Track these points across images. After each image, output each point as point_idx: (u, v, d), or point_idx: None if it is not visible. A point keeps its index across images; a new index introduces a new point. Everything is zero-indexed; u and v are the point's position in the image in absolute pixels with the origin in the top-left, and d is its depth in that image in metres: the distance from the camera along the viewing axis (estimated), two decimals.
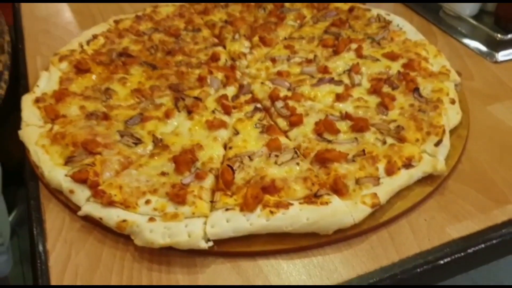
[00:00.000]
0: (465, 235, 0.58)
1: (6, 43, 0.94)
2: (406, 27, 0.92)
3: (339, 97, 0.75)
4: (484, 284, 1.34)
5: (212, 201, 0.60)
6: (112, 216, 0.59)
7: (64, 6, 1.13)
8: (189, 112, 0.73)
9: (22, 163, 0.72)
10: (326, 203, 0.58)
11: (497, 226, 0.59)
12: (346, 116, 0.70)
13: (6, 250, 0.94)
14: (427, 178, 0.64)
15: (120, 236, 0.59)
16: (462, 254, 0.57)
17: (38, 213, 0.64)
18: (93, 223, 0.61)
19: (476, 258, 0.58)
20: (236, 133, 0.70)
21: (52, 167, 0.65)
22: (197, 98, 0.76)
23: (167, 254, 0.57)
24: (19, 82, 0.87)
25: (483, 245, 0.58)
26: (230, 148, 0.68)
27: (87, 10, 1.10)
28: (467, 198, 0.63)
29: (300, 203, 0.58)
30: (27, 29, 1.02)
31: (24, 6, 1.11)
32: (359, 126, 0.68)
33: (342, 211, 0.57)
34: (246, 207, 0.57)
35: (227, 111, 0.74)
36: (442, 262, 0.56)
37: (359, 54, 0.84)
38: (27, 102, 0.77)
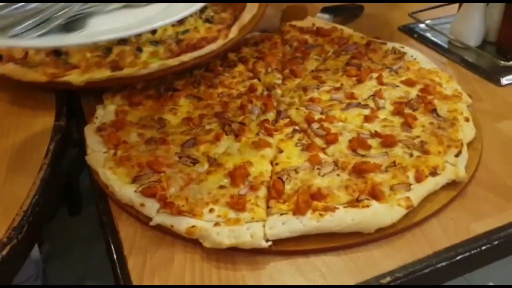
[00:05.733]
0: (488, 230, 0.67)
1: None
2: (419, 57, 1.03)
3: (367, 119, 0.85)
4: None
5: (268, 207, 0.70)
6: (182, 223, 0.68)
7: None
8: (236, 135, 0.83)
9: None
10: (367, 206, 0.67)
11: None
12: (375, 134, 0.80)
13: None
14: (450, 185, 0.73)
15: (188, 241, 0.68)
16: (488, 246, 0.66)
17: (112, 226, 0.73)
18: (163, 232, 0.70)
19: (499, 249, 0.67)
20: (280, 151, 0.80)
21: (121, 185, 0.75)
22: (242, 123, 0.86)
23: (232, 255, 0.66)
24: (76, 117, 0.97)
25: (504, 239, 0.67)
26: (277, 164, 0.77)
27: None
28: (486, 200, 0.72)
29: (344, 207, 0.68)
30: None
31: None
32: (388, 142, 0.78)
33: (381, 212, 0.67)
34: (298, 211, 0.67)
35: (269, 133, 0.83)
36: (470, 253, 0.65)
37: (380, 81, 0.94)
38: (89, 131, 0.87)
